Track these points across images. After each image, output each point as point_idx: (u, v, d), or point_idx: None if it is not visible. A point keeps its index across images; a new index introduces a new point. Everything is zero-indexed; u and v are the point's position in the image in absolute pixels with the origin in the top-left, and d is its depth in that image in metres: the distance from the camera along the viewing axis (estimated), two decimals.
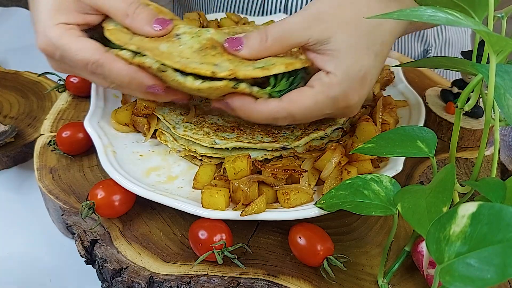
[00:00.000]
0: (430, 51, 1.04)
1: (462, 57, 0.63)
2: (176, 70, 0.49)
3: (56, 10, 0.52)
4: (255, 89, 0.50)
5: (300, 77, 0.52)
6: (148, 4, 0.57)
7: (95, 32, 0.56)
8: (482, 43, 0.58)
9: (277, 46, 0.50)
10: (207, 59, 0.50)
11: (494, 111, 0.49)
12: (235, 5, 0.99)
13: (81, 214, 0.52)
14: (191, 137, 0.59)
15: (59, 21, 0.52)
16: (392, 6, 0.51)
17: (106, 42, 0.53)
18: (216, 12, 1.02)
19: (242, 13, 0.99)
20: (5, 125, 0.73)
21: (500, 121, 0.47)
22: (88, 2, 0.53)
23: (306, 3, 0.94)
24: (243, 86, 0.49)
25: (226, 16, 0.84)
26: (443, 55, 1.07)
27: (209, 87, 0.48)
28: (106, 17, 0.55)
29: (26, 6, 1.36)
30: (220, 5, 1.01)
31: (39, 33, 0.52)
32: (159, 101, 0.57)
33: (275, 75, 0.50)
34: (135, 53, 0.51)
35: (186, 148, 0.60)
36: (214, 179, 0.56)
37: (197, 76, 0.49)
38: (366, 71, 0.50)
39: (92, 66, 0.51)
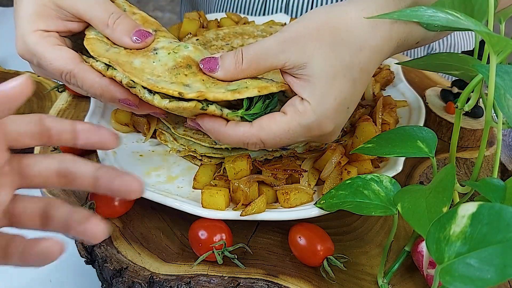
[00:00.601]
0: None
1: None
2: (145, 87, 0.48)
3: (36, 16, 0.51)
4: (226, 111, 0.48)
5: (277, 100, 0.50)
6: (134, 13, 0.56)
7: (79, 38, 0.55)
8: (482, 43, 0.58)
9: (253, 68, 0.48)
10: (179, 78, 0.48)
11: (497, 112, 0.49)
12: (237, 5, 0.99)
13: None
14: (191, 137, 0.59)
15: (38, 28, 0.51)
16: (376, 30, 0.48)
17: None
18: (218, 11, 1.02)
19: (244, 12, 0.99)
20: None
21: (502, 123, 0.47)
22: (69, 10, 0.52)
23: (308, 3, 0.94)
24: (212, 108, 0.47)
25: (226, 16, 0.84)
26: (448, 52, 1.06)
27: (177, 107, 0.47)
28: (90, 24, 0.54)
29: None
30: (222, 4, 1.01)
31: (17, 38, 0.52)
32: (136, 113, 0.56)
33: (250, 98, 0.48)
34: (108, 65, 0.50)
35: (186, 148, 0.60)
36: (214, 179, 0.56)
37: (165, 94, 0.47)
38: (342, 99, 0.47)
39: (66, 76, 0.51)
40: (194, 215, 0.51)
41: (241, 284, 0.49)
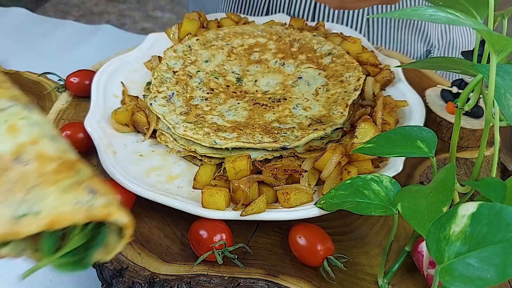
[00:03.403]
0: (432, 52, 1.03)
1: (463, 57, 0.63)
2: None
3: None
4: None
5: (103, 238, 0.37)
6: None
7: None
8: (483, 43, 0.58)
9: None
10: None
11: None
12: (240, 5, 1.00)
13: None
14: (191, 137, 0.59)
15: None
16: None
17: None
18: (222, 11, 1.02)
19: (248, 13, 0.99)
20: None
21: (500, 120, 0.47)
22: None
23: (310, 3, 0.94)
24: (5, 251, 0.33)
25: (226, 16, 0.84)
26: (446, 56, 1.06)
27: None
28: None
29: (26, 6, 1.36)
30: (226, 4, 1.02)
31: None
32: None
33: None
34: None
35: (186, 148, 0.60)
36: (214, 179, 0.56)
37: None
38: None
39: None
40: (194, 215, 0.51)
41: (241, 284, 0.49)
